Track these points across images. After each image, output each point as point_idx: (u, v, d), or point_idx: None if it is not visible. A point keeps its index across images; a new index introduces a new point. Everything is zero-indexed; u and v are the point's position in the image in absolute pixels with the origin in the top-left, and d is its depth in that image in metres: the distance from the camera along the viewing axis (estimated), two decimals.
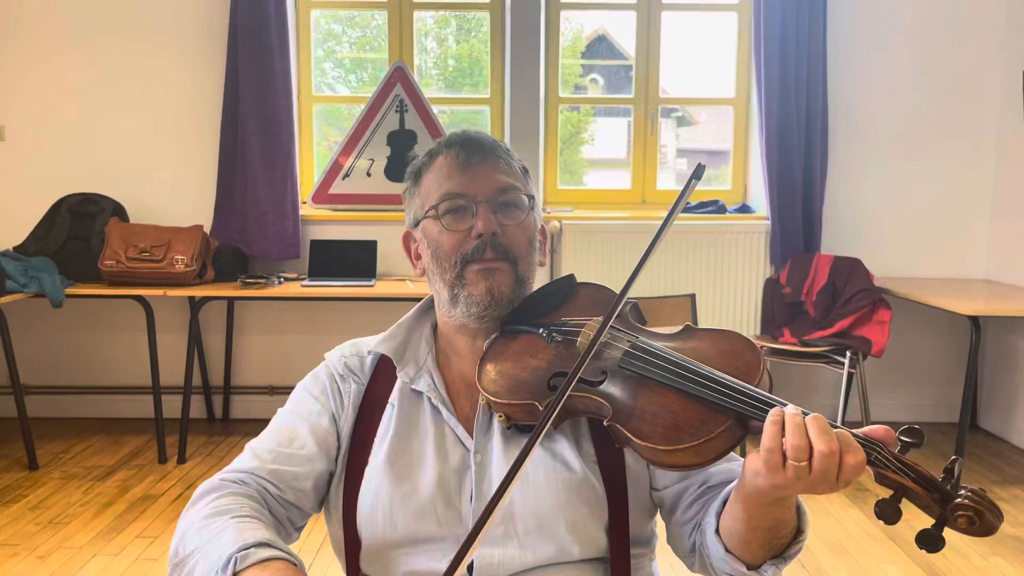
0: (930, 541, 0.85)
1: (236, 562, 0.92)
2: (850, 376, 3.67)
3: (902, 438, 0.88)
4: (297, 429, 1.15)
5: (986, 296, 3.72)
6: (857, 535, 2.96)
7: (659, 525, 1.21)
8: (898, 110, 4.19)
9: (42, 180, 4.09)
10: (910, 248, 4.24)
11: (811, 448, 0.85)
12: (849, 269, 3.90)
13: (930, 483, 0.86)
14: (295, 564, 0.94)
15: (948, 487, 0.85)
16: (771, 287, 4.11)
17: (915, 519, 0.86)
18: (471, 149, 1.16)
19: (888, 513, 0.86)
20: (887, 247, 4.22)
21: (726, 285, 4.16)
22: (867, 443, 0.88)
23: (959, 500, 0.84)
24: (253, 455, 1.13)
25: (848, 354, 3.63)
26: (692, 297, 3.29)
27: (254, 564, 0.92)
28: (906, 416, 4.29)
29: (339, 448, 1.16)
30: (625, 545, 1.10)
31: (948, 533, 0.87)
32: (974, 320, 3.32)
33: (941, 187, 4.22)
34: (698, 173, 1.06)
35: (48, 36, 4.08)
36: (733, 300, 4.16)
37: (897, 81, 4.17)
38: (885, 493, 0.88)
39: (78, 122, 4.12)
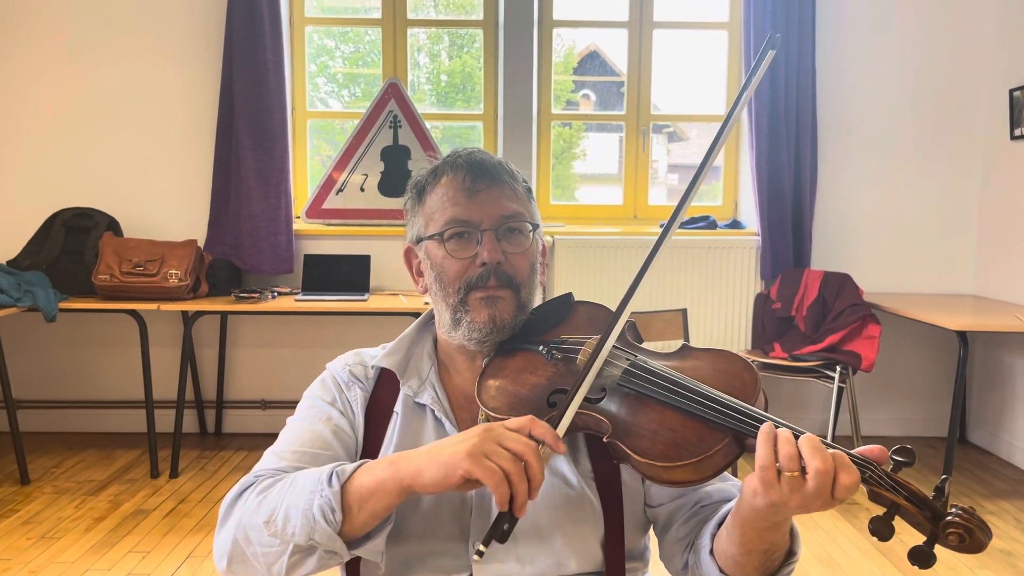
0: (922, 558, 0.87)
1: (338, 475, 0.98)
2: (840, 391, 3.69)
3: (895, 457, 0.90)
4: (318, 431, 1.15)
5: (974, 311, 3.76)
6: (847, 549, 2.98)
7: (652, 540, 1.23)
8: (887, 127, 4.24)
9: (36, 194, 4.09)
10: (899, 264, 4.29)
11: (802, 458, 0.87)
12: (839, 284, 3.93)
13: (922, 501, 0.88)
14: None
15: (939, 505, 0.88)
16: (761, 302, 4.14)
17: (905, 534, 0.89)
18: (477, 174, 1.16)
19: (882, 530, 0.88)
20: (876, 263, 4.27)
21: (717, 300, 4.19)
22: (862, 462, 0.90)
23: (950, 518, 0.86)
24: (277, 458, 1.12)
25: (838, 369, 3.65)
26: (683, 312, 3.31)
27: (353, 472, 0.99)
28: (896, 430, 4.32)
29: (356, 451, 1.18)
30: (620, 559, 1.12)
31: (939, 550, 0.89)
32: (962, 335, 3.36)
33: (930, 204, 4.27)
34: (774, 42, 1.03)
35: (43, 51, 4.09)
36: (724, 315, 4.19)
37: (886, 99, 4.22)
38: (877, 510, 0.90)
39: (73, 137, 4.13)
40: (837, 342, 3.75)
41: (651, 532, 1.23)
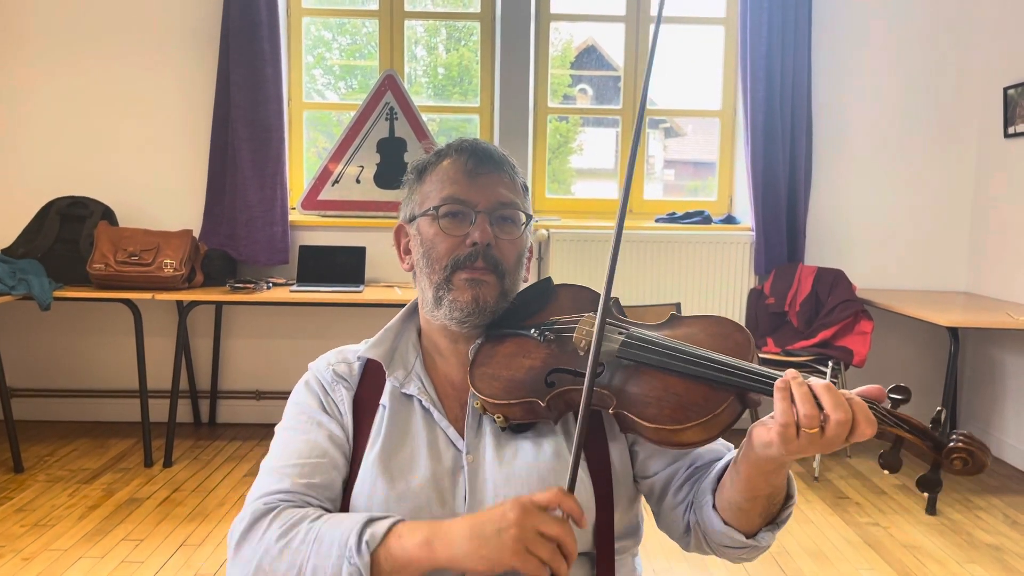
0: (930, 484, 0.92)
1: (368, 544, 0.97)
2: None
3: (892, 395, 0.96)
4: (312, 439, 1.15)
5: (965, 308, 3.78)
6: (837, 542, 3.00)
7: (644, 523, 1.25)
8: (881, 124, 4.25)
9: (32, 183, 4.09)
10: (892, 260, 4.31)
11: (822, 416, 0.91)
12: (832, 280, 3.95)
13: (924, 432, 0.93)
14: (405, 520, 1.02)
15: (939, 434, 0.93)
16: (755, 297, 4.16)
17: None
18: (480, 159, 1.19)
19: (892, 463, 0.93)
20: (870, 259, 4.29)
21: (711, 294, 4.20)
22: (867, 404, 0.94)
23: (952, 444, 0.91)
24: (279, 476, 1.11)
25: (830, 364, 3.67)
26: (677, 306, 3.33)
27: (384, 537, 0.98)
28: None
29: (349, 452, 1.18)
30: (609, 539, 1.14)
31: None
32: (953, 332, 3.38)
33: (923, 201, 4.29)
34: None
35: (40, 41, 4.08)
36: (717, 309, 4.21)
37: (880, 96, 4.24)
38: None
39: (68, 125, 4.12)
40: (829, 337, 3.77)
41: (644, 514, 1.25)
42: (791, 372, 0.95)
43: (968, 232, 4.30)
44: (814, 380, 0.94)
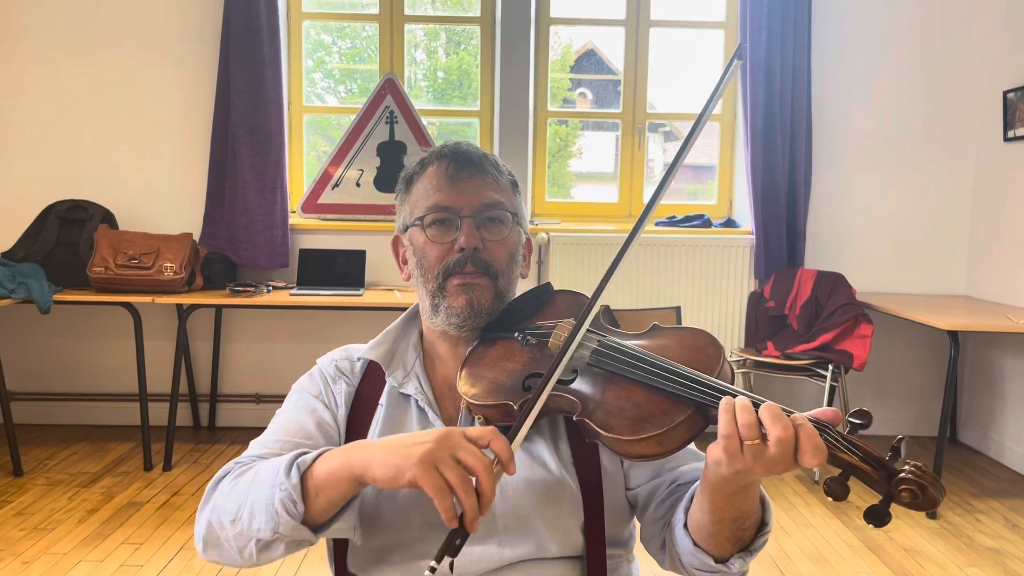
0: (877, 516, 0.88)
1: (298, 467, 0.98)
2: (832, 389, 3.71)
3: (850, 420, 0.92)
4: (301, 422, 1.18)
5: (965, 311, 3.78)
6: (837, 545, 3.00)
7: (637, 528, 1.25)
8: (881, 128, 4.26)
9: (31, 186, 4.09)
10: (892, 264, 4.31)
11: (762, 426, 0.89)
12: (832, 284, 3.95)
13: (876, 461, 0.89)
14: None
15: (893, 464, 0.89)
16: (755, 301, 4.16)
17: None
18: (460, 163, 1.19)
19: (836, 490, 0.89)
20: (869, 263, 4.29)
21: (711, 298, 4.21)
22: (816, 425, 0.91)
23: (902, 475, 0.87)
24: (260, 446, 1.16)
25: (830, 367, 3.67)
26: (677, 310, 3.33)
27: (314, 462, 0.99)
28: (887, 429, 4.34)
29: (339, 443, 1.20)
30: (600, 544, 1.13)
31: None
32: (953, 335, 3.38)
33: (923, 204, 4.30)
34: (740, 52, 1.10)
35: (40, 43, 4.09)
36: (718, 313, 4.21)
37: (880, 99, 4.25)
38: (832, 474, 0.91)
39: (68, 129, 4.13)
40: (829, 341, 3.77)
41: (636, 520, 1.24)
42: (743, 396, 0.93)
43: (968, 235, 4.31)
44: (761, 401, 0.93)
